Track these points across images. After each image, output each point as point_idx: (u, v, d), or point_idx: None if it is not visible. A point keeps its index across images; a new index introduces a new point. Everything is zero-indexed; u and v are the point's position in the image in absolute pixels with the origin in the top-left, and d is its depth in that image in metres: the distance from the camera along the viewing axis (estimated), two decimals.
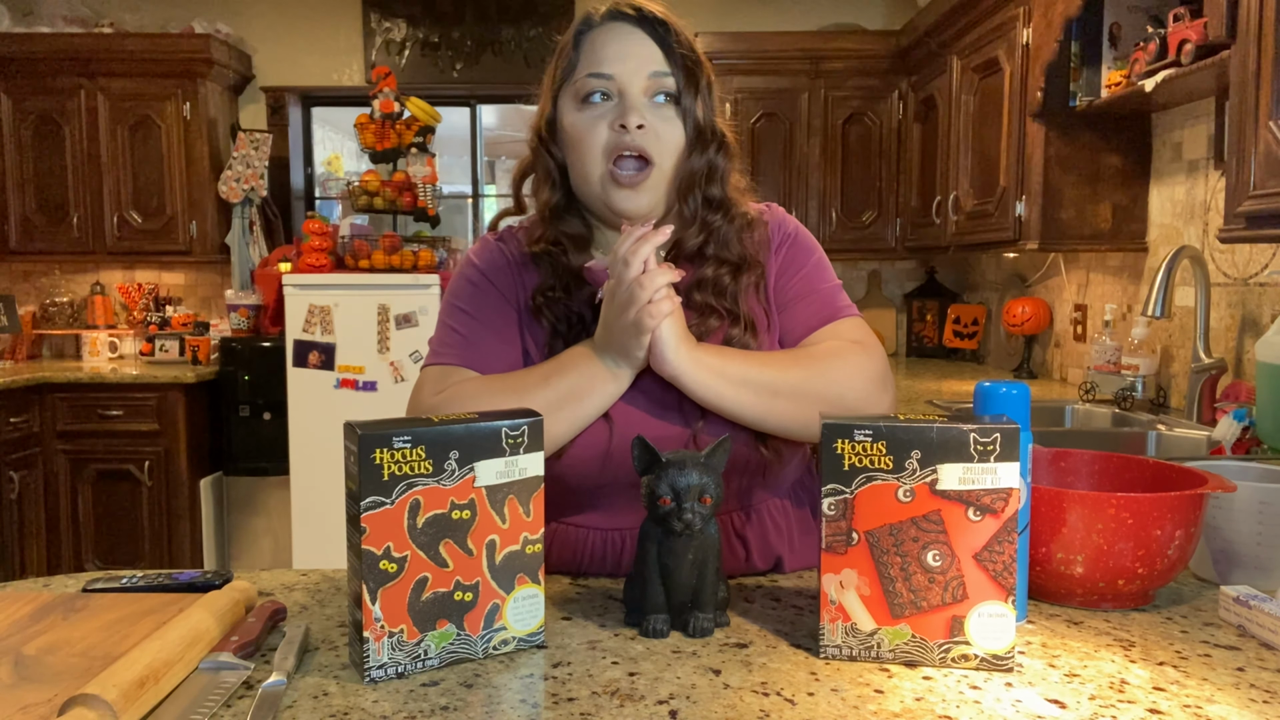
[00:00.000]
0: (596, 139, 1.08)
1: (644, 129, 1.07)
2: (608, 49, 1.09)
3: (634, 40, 1.09)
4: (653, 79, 1.09)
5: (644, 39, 1.09)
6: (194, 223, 4.09)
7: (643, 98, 1.09)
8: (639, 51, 1.09)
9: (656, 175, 1.09)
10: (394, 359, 3.62)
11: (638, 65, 1.08)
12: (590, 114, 1.09)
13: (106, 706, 0.69)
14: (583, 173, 1.10)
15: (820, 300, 1.17)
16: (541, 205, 1.15)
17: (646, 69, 1.08)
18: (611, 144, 1.08)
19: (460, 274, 1.20)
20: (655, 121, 1.08)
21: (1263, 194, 1.58)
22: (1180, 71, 2.03)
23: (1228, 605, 0.95)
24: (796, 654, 0.87)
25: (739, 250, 1.13)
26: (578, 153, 1.10)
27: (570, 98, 1.11)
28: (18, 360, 4.15)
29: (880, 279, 4.43)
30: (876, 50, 3.92)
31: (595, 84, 1.09)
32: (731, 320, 1.11)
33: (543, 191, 1.15)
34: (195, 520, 3.86)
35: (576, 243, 1.14)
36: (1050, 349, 3.34)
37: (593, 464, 1.08)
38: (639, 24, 1.10)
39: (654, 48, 1.09)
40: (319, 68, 4.38)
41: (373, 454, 0.80)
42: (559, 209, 1.14)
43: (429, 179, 3.85)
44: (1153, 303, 2.13)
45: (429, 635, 0.84)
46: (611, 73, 1.08)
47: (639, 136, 1.07)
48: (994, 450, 0.82)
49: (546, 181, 1.15)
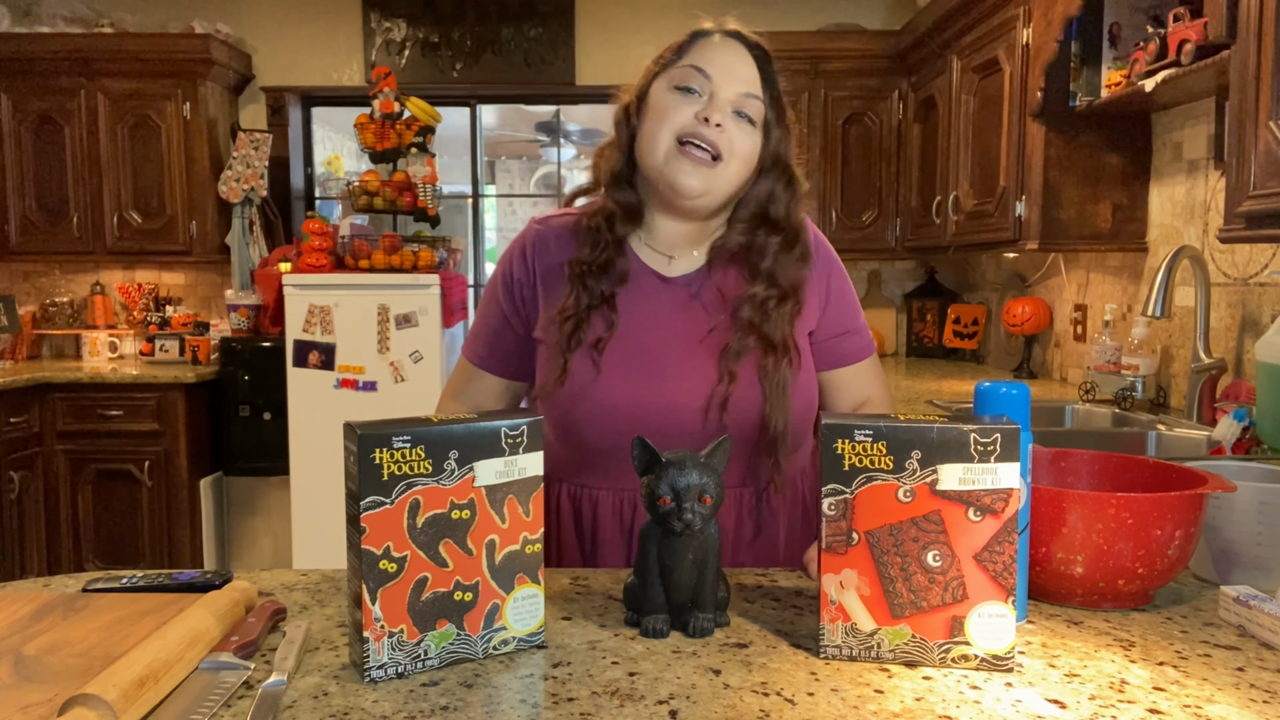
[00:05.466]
0: (676, 118, 1.15)
1: (722, 129, 1.15)
2: (716, 54, 1.18)
3: (739, 57, 1.19)
4: (744, 96, 1.17)
5: (748, 59, 1.19)
6: (194, 223, 4.09)
7: (728, 107, 1.16)
8: (741, 69, 1.18)
9: (721, 169, 1.16)
10: (394, 359, 3.62)
11: (735, 78, 1.17)
12: (681, 98, 1.16)
13: (106, 706, 0.69)
14: (652, 144, 1.17)
15: (861, 337, 1.30)
16: (605, 170, 1.23)
17: (743, 85, 1.17)
18: (688, 129, 1.15)
19: (508, 258, 1.30)
20: (733, 129, 1.16)
21: (1263, 194, 1.58)
22: (1180, 71, 2.03)
23: (1228, 605, 0.95)
24: (796, 654, 0.87)
25: (790, 279, 1.20)
26: (654, 123, 1.17)
27: (666, 81, 1.19)
28: (18, 360, 4.15)
29: (880, 279, 4.43)
30: (876, 50, 3.91)
31: (693, 76, 1.17)
32: (766, 347, 1.18)
33: (610, 157, 1.23)
34: (195, 520, 3.86)
35: (627, 211, 1.22)
36: (1050, 349, 3.34)
37: (620, 424, 1.16)
38: (749, 47, 1.20)
39: (754, 70, 1.19)
40: (319, 68, 4.38)
41: (372, 454, 0.80)
42: (619, 176, 1.22)
43: (429, 179, 3.84)
44: (1153, 303, 2.13)
45: (429, 635, 0.84)
46: (711, 74, 1.16)
47: (714, 133, 1.14)
48: (994, 450, 0.82)
49: (616, 148, 1.23)
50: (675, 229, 1.24)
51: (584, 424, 1.20)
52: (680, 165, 1.15)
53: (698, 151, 1.14)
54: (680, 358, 1.20)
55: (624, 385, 1.19)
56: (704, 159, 1.15)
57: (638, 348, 1.20)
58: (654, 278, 1.24)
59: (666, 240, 1.24)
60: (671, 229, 1.24)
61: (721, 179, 1.16)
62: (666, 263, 1.24)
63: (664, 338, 1.21)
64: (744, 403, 1.18)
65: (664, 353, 1.20)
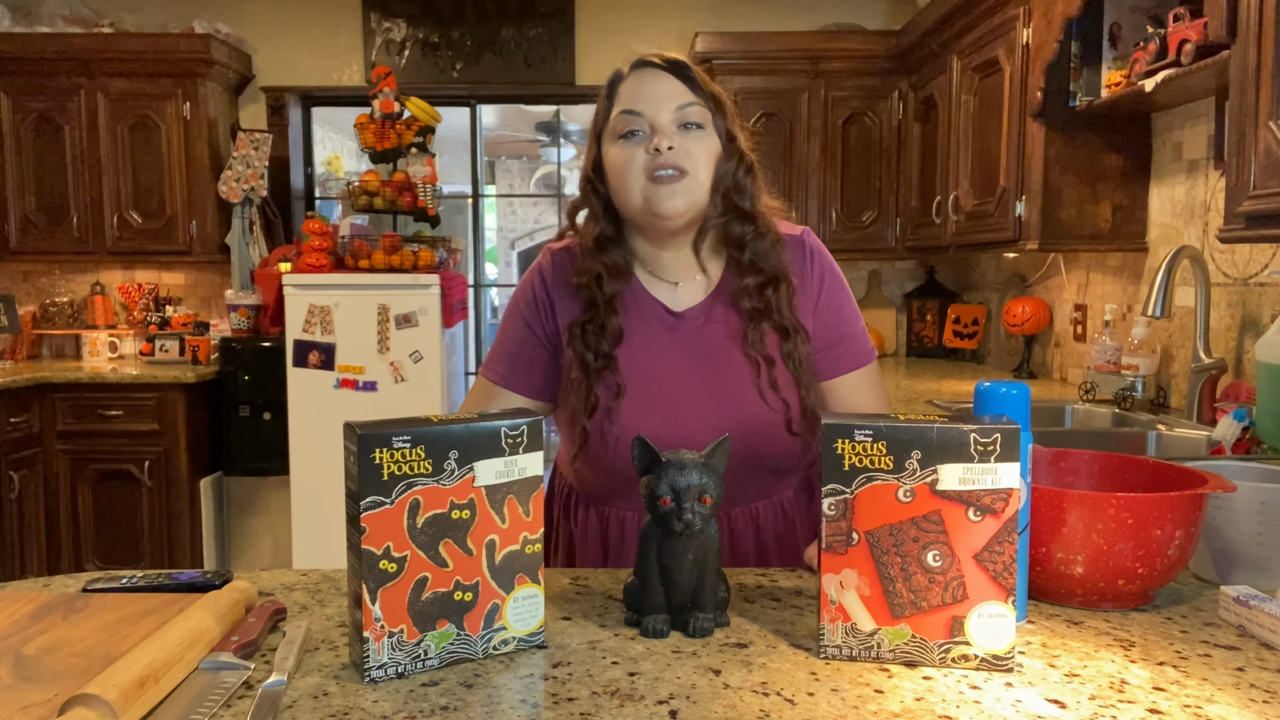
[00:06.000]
0: (636, 163, 1.20)
1: (674, 149, 1.19)
2: (638, 91, 1.22)
3: (659, 81, 1.22)
4: (679, 111, 1.21)
5: (668, 79, 1.22)
6: (194, 223, 4.09)
7: (672, 127, 1.20)
8: (665, 90, 1.21)
9: (691, 181, 1.20)
10: (394, 359, 3.62)
11: (664, 101, 1.21)
12: (629, 146, 1.21)
13: (106, 706, 0.69)
14: (626, 194, 1.21)
15: (859, 345, 1.31)
16: (588, 237, 1.27)
17: (673, 103, 1.21)
18: (649, 164, 1.19)
19: (527, 282, 1.32)
20: (685, 142, 1.20)
21: (1263, 194, 1.58)
22: (1180, 71, 2.03)
23: (1228, 605, 0.95)
24: (796, 654, 0.87)
25: (774, 263, 1.24)
26: (620, 178, 1.21)
27: (610, 137, 1.24)
28: (18, 360, 4.15)
29: (880, 279, 4.43)
30: (876, 50, 3.91)
31: (629, 120, 1.21)
32: (781, 333, 1.23)
33: (591, 225, 1.27)
34: (195, 520, 3.86)
35: (613, 272, 1.25)
36: (1050, 349, 3.34)
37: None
38: (662, 68, 1.23)
39: (678, 85, 1.22)
40: (319, 68, 4.38)
41: (372, 454, 0.80)
42: (604, 240, 1.26)
43: (429, 179, 3.84)
44: (1153, 303, 2.13)
45: (429, 635, 0.84)
46: (641, 110, 1.20)
47: (671, 156, 1.18)
48: (994, 450, 0.82)
49: (594, 217, 1.27)
50: (672, 258, 1.27)
51: (613, 461, 1.24)
52: (657, 194, 1.19)
53: (665, 176, 1.19)
54: (700, 389, 1.24)
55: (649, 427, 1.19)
56: (674, 178, 1.19)
57: (655, 392, 1.23)
58: (663, 312, 1.27)
59: (668, 269, 1.28)
60: (669, 259, 1.27)
61: (696, 187, 1.20)
62: (673, 290, 1.28)
63: (680, 373, 1.25)
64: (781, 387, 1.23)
65: (683, 389, 1.24)
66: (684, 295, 1.28)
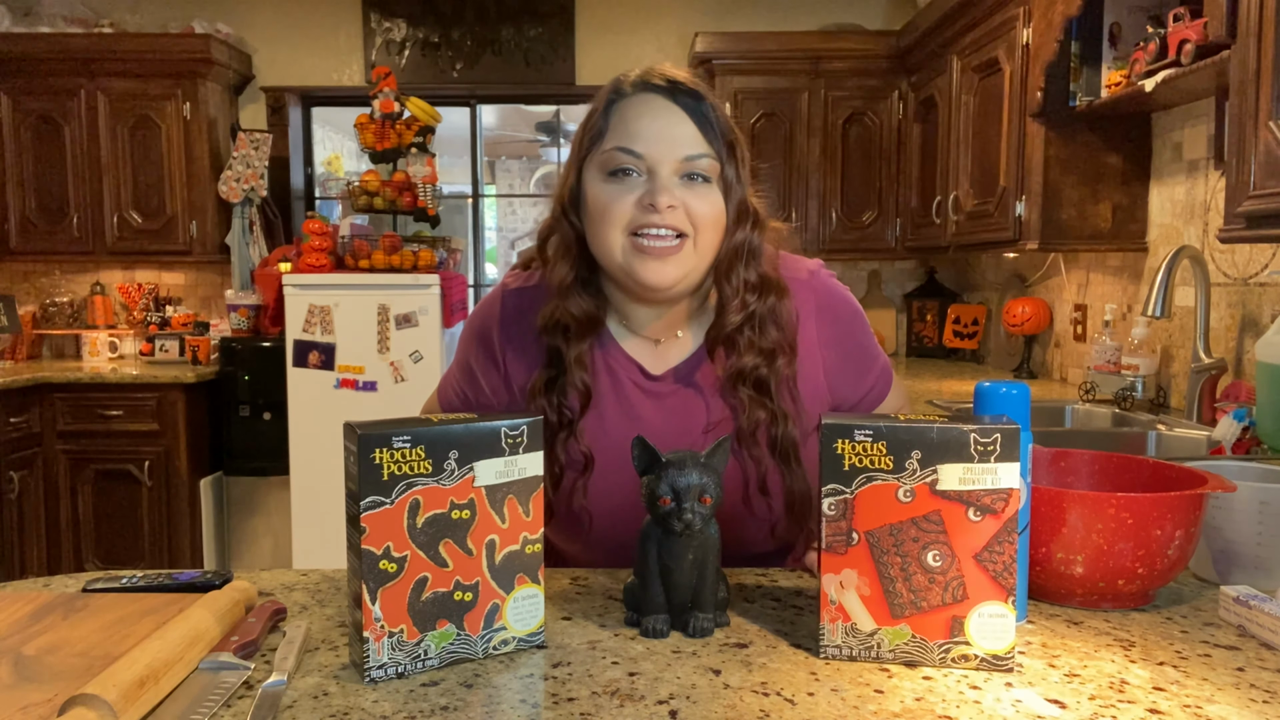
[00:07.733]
0: (620, 213, 1.02)
1: (675, 209, 1.01)
2: (640, 123, 1.03)
3: (667, 117, 1.03)
4: (687, 160, 1.03)
5: (678, 116, 1.03)
6: (194, 223, 4.09)
7: (674, 178, 1.03)
8: (673, 132, 1.03)
9: (689, 248, 1.03)
10: (394, 359, 3.62)
11: (670, 148, 1.02)
12: (616, 187, 1.03)
13: (106, 706, 0.69)
14: (604, 245, 1.04)
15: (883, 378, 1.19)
16: (555, 279, 1.09)
17: (680, 151, 1.02)
18: (636, 221, 1.02)
19: (478, 327, 1.18)
20: (688, 199, 1.02)
21: (1263, 194, 1.58)
22: (1180, 71, 2.03)
23: (1228, 605, 0.95)
24: (796, 654, 0.87)
25: (774, 336, 1.08)
26: (599, 225, 1.04)
27: (597, 168, 1.05)
28: (18, 360, 4.15)
29: (880, 279, 4.43)
30: (876, 50, 3.92)
31: (624, 159, 1.03)
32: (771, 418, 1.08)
33: (559, 265, 1.09)
34: (195, 520, 3.86)
35: (583, 325, 1.08)
36: (1050, 349, 3.34)
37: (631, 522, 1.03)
38: (672, 97, 1.04)
39: (688, 125, 1.03)
40: (319, 68, 4.38)
41: (372, 454, 0.80)
42: (575, 285, 1.08)
43: (429, 179, 3.84)
44: (1153, 303, 2.13)
45: (429, 635, 0.84)
46: (642, 152, 1.02)
47: (668, 216, 1.01)
48: (994, 450, 0.82)
49: (564, 254, 1.09)
50: (652, 314, 1.11)
51: (589, 533, 1.13)
52: (642, 262, 1.02)
53: (657, 241, 1.01)
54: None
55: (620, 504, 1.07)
56: (666, 244, 1.01)
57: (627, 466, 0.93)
58: (638, 375, 1.12)
59: (647, 325, 1.12)
60: (649, 315, 1.11)
61: (694, 257, 1.03)
62: (653, 349, 1.13)
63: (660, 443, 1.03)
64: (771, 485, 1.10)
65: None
66: (664, 356, 1.12)
